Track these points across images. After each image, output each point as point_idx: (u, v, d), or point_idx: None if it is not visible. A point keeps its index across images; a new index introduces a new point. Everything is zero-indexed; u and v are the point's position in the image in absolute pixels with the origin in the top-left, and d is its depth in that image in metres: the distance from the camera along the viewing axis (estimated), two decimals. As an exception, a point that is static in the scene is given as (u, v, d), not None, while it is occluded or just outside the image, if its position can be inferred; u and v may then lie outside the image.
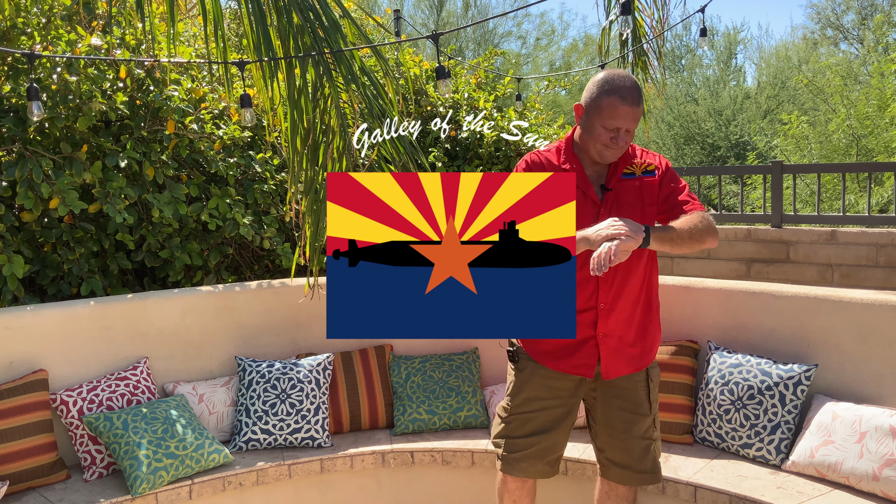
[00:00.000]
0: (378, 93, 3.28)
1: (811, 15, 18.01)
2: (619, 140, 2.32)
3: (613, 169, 2.45)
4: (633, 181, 2.44)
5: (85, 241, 3.68)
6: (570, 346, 2.46)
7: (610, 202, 2.41)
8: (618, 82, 2.30)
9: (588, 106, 2.36)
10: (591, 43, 18.57)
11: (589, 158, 2.43)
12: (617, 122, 2.29)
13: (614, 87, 2.29)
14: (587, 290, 2.41)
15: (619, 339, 2.46)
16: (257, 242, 4.13)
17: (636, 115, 2.31)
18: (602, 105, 2.30)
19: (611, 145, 2.33)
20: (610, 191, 2.42)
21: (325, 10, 3.11)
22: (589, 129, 2.35)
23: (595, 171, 2.45)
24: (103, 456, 3.02)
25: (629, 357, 2.49)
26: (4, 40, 3.64)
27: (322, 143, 3.27)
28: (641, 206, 2.43)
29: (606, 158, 2.38)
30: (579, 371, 2.47)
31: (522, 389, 2.54)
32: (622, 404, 2.51)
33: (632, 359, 2.49)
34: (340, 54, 3.06)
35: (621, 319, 2.45)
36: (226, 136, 4.12)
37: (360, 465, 3.27)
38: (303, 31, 3.10)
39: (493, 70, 7.14)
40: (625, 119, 2.29)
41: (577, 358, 2.46)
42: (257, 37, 3.03)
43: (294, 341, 3.67)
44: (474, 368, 3.60)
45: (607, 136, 2.32)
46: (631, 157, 2.46)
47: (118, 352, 3.27)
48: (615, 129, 2.30)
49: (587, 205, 2.40)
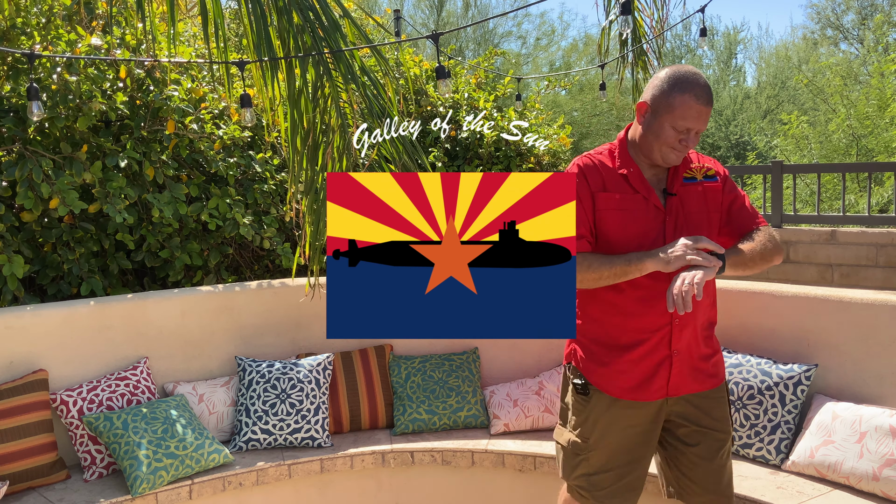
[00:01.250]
0: (378, 93, 3.28)
1: (811, 15, 18.01)
2: (688, 142, 2.15)
3: (674, 172, 2.25)
4: (696, 186, 2.26)
5: (85, 241, 3.68)
6: (648, 372, 2.24)
7: (675, 208, 2.22)
8: (691, 79, 2.11)
9: (656, 104, 2.15)
10: (591, 43, 18.56)
11: (646, 161, 2.24)
12: (689, 122, 2.11)
13: (688, 84, 2.10)
14: (660, 306, 2.18)
15: (692, 354, 2.26)
16: (257, 242, 4.13)
17: (707, 116, 2.14)
18: (674, 104, 2.11)
19: (678, 147, 2.16)
20: (674, 196, 2.22)
21: (325, 9, 3.11)
22: (655, 129, 2.16)
23: (654, 175, 2.26)
24: (103, 456, 3.02)
25: (701, 373, 2.29)
26: (4, 40, 3.64)
27: (322, 142, 3.27)
28: (707, 212, 2.25)
29: (670, 161, 2.19)
30: (660, 395, 2.26)
31: (598, 422, 2.29)
32: (712, 424, 2.31)
33: (702, 374, 2.29)
34: (340, 54, 3.06)
35: (693, 331, 2.26)
36: (226, 136, 4.12)
37: (360, 465, 3.27)
38: (303, 31, 3.10)
39: (493, 70, 7.14)
40: (697, 120, 2.12)
41: (655, 382, 2.25)
42: (257, 37, 3.03)
43: (294, 341, 3.67)
44: (474, 368, 3.60)
45: (675, 138, 2.14)
46: (688, 161, 2.29)
47: (118, 352, 3.27)
48: (686, 129, 2.13)
49: (650, 211, 2.21)
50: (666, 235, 2.19)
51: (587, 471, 2.30)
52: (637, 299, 2.20)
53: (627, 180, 2.23)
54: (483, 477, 3.30)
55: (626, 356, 2.24)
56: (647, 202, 2.21)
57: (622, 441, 2.28)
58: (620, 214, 2.20)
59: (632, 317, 2.22)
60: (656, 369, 2.24)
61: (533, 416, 3.39)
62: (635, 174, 2.23)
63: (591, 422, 2.30)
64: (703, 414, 2.30)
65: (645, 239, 2.18)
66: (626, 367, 2.24)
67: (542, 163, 6.13)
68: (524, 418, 3.39)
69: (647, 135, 2.19)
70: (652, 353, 2.23)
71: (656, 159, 2.20)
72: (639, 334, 2.22)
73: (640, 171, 2.23)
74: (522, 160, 5.93)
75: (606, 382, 2.27)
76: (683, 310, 1.98)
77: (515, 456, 3.21)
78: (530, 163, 5.98)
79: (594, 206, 2.22)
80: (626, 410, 2.27)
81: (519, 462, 3.21)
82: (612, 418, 2.27)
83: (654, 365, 2.23)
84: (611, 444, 2.28)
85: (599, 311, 2.28)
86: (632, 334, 2.23)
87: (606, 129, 15.67)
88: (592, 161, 2.27)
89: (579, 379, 2.32)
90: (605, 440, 2.28)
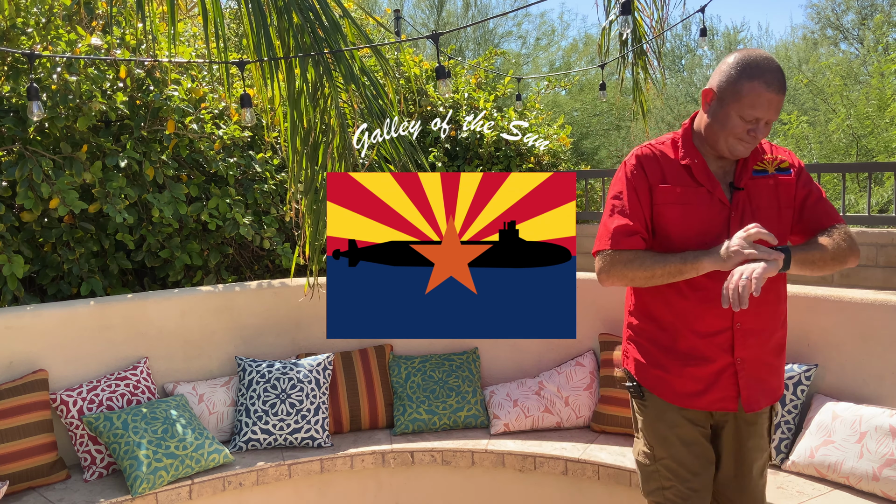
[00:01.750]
0: (378, 93, 3.28)
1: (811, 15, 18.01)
2: (758, 132, 1.97)
3: (742, 165, 2.08)
4: (767, 179, 2.09)
5: (85, 240, 3.68)
6: (707, 380, 2.07)
7: (741, 204, 2.05)
8: (762, 64, 1.94)
9: (723, 91, 1.98)
10: (591, 43, 18.56)
11: (713, 152, 2.07)
12: (758, 111, 1.93)
13: (757, 69, 1.93)
14: (721, 307, 1.99)
15: (760, 363, 2.08)
16: (257, 242, 4.13)
17: (780, 105, 1.96)
18: (742, 91, 1.94)
19: (746, 139, 1.99)
20: (741, 190, 2.06)
21: (324, 9, 3.11)
22: (721, 118, 1.99)
23: (720, 168, 2.09)
24: (103, 456, 3.02)
25: (769, 385, 2.11)
26: (4, 40, 3.64)
27: (322, 142, 3.27)
28: (777, 208, 2.08)
29: (737, 153, 2.02)
30: (721, 406, 2.08)
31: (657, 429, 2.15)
32: (758, 442, 2.16)
33: (770, 387, 2.12)
34: (340, 54, 3.06)
35: (762, 340, 2.08)
36: (226, 135, 4.12)
37: (360, 465, 3.27)
38: (303, 31, 3.10)
39: (493, 70, 7.14)
40: (767, 109, 1.94)
41: (716, 391, 2.07)
42: (257, 37, 3.02)
43: (294, 341, 3.67)
44: (474, 368, 3.60)
45: (744, 128, 1.97)
46: (760, 153, 2.11)
47: (118, 352, 3.27)
48: (755, 119, 1.95)
49: (714, 207, 2.05)
50: (730, 232, 2.01)
51: (660, 485, 2.15)
52: (697, 300, 2.05)
53: (690, 172, 2.07)
54: (483, 477, 3.30)
55: (683, 360, 2.08)
56: (712, 196, 2.05)
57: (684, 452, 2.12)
58: (681, 209, 2.05)
59: (691, 319, 2.06)
60: (717, 377, 2.06)
61: (533, 416, 3.39)
62: (699, 166, 2.06)
63: (652, 429, 2.16)
64: (748, 427, 2.14)
65: (707, 236, 2.02)
66: (684, 372, 2.08)
67: (542, 163, 6.13)
68: (524, 418, 3.39)
69: (713, 124, 2.02)
70: (712, 359, 2.06)
71: (722, 151, 2.03)
72: (698, 338, 2.06)
73: (704, 163, 2.07)
74: (522, 160, 5.94)
75: (663, 387, 2.12)
76: (738, 306, 1.83)
77: (515, 456, 3.21)
78: (530, 163, 5.98)
79: (652, 200, 2.08)
80: (683, 418, 2.11)
81: (519, 462, 3.21)
82: (670, 425, 2.12)
83: (715, 372, 2.06)
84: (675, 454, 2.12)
85: (656, 310, 2.13)
86: (690, 337, 2.07)
87: (606, 129, 15.66)
88: (653, 151, 2.12)
89: (631, 381, 2.19)
90: (669, 449, 2.13)
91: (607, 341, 3.43)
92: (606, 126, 15.78)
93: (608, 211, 2.13)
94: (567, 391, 3.42)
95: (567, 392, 3.42)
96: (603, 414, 3.33)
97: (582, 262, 6.20)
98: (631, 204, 2.08)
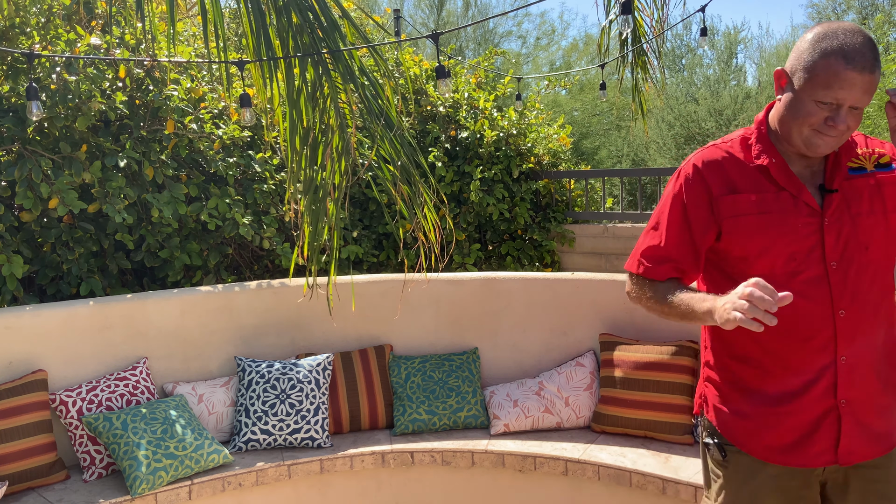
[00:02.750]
0: (377, 93, 3.27)
1: (811, 15, 17.99)
2: (839, 122, 1.56)
3: (833, 162, 1.69)
4: (866, 179, 1.68)
5: (84, 240, 3.68)
6: (806, 429, 1.66)
7: (836, 210, 1.65)
8: (841, 37, 1.54)
9: (794, 71, 1.61)
10: (592, 42, 18.56)
11: (790, 150, 1.70)
12: (837, 93, 1.53)
13: (836, 43, 1.54)
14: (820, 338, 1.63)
15: (866, 404, 1.67)
16: (257, 242, 4.12)
17: (868, 86, 1.54)
18: (815, 68, 1.55)
19: (824, 130, 1.58)
20: (835, 192, 1.66)
21: (324, 10, 3.10)
22: (793, 105, 1.61)
23: (805, 167, 1.70)
24: (102, 456, 3.01)
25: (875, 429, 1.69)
26: (4, 40, 3.64)
27: (321, 142, 3.27)
28: (883, 213, 1.67)
29: (816, 150, 1.62)
30: (821, 460, 1.68)
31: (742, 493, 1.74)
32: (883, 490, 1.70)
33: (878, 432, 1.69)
34: (339, 54, 3.06)
35: (870, 374, 1.67)
36: (225, 135, 4.12)
37: (360, 465, 3.27)
38: (302, 31, 3.10)
39: (493, 70, 7.14)
40: (849, 90, 1.53)
41: (816, 443, 1.67)
42: (257, 36, 3.02)
43: (294, 341, 3.67)
44: (474, 368, 3.59)
45: (820, 116, 1.57)
46: (853, 146, 1.72)
47: (117, 352, 3.27)
48: (834, 104, 1.56)
49: (801, 214, 1.65)
50: (826, 245, 1.64)
51: None
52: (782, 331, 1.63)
53: (768, 174, 1.69)
54: (483, 477, 3.29)
55: (774, 406, 1.69)
56: (797, 201, 1.66)
57: None
58: (759, 220, 1.66)
59: (778, 354, 1.68)
60: (817, 424, 1.66)
61: (533, 417, 3.39)
62: (779, 166, 1.68)
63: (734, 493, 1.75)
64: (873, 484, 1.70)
65: (797, 251, 1.64)
66: (775, 420, 1.69)
67: (542, 163, 6.13)
68: (524, 418, 3.38)
69: (785, 113, 1.65)
70: (810, 402, 1.65)
71: (797, 145, 1.65)
72: (789, 377, 1.67)
73: (784, 162, 1.69)
74: (522, 160, 5.93)
75: (749, 439, 1.72)
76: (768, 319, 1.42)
77: (515, 456, 3.21)
78: (530, 163, 5.98)
79: (715, 216, 1.70)
80: (779, 481, 1.71)
81: (519, 462, 3.20)
82: (759, 489, 1.72)
83: (814, 419, 1.66)
84: None
85: (739, 345, 1.74)
86: (780, 377, 1.68)
87: (607, 128, 15.66)
88: (717, 154, 1.74)
89: (713, 437, 1.79)
90: None
91: (607, 341, 3.43)
92: (607, 126, 15.78)
93: (648, 225, 1.84)
94: (567, 391, 3.42)
95: (567, 392, 3.41)
96: (603, 414, 3.32)
97: (582, 262, 6.21)
98: (671, 224, 1.75)
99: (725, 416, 1.77)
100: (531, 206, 5.99)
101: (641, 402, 3.21)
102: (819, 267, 1.63)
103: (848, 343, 1.63)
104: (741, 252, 1.68)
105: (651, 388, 3.20)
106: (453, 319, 3.72)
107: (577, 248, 6.12)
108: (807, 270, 1.64)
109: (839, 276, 1.64)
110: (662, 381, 3.18)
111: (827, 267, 1.63)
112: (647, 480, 2.93)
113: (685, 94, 19.56)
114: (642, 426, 3.21)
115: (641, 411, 3.20)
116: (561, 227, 6.06)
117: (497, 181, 5.73)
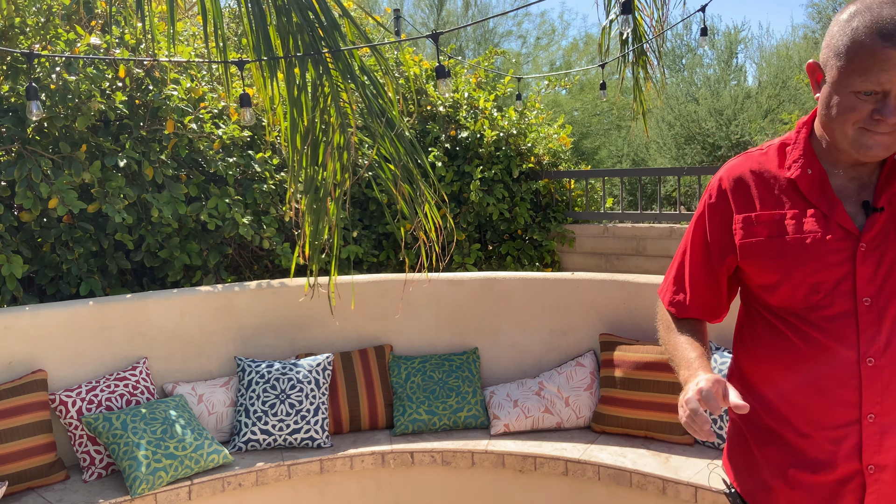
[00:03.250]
0: (378, 92, 3.27)
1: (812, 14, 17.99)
2: (887, 114, 1.26)
3: (887, 173, 1.38)
4: None
5: (84, 240, 3.68)
6: (827, 490, 1.41)
7: (879, 234, 1.35)
8: (876, 10, 1.26)
9: (827, 60, 1.33)
10: (592, 42, 18.56)
11: (841, 158, 1.40)
12: (878, 76, 1.24)
13: (869, 18, 1.26)
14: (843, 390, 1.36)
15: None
16: (257, 242, 4.12)
17: None
18: (849, 53, 1.27)
19: (872, 127, 1.29)
20: (880, 212, 1.35)
21: (324, 9, 3.10)
22: (831, 101, 1.33)
23: (853, 180, 1.40)
24: (102, 456, 3.01)
25: None
26: (3, 40, 3.63)
27: (322, 141, 3.26)
28: None
29: (867, 151, 1.32)
30: None
31: None
32: None
33: None
34: (339, 54, 3.05)
35: None
36: (225, 135, 4.11)
37: (360, 465, 3.26)
38: (302, 31, 3.10)
39: (493, 70, 7.13)
40: (894, 71, 1.24)
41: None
42: (257, 36, 3.02)
43: (293, 341, 3.66)
44: (474, 368, 3.59)
45: (864, 110, 1.28)
46: None
47: (117, 352, 3.27)
48: (878, 91, 1.26)
49: (831, 238, 1.37)
50: (857, 276, 1.35)
51: None
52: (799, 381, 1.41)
53: (796, 188, 1.42)
54: (483, 477, 3.29)
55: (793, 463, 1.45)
56: (828, 221, 1.38)
57: None
58: (770, 244, 1.42)
59: (794, 407, 1.43)
60: (839, 488, 1.40)
61: (533, 417, 3.39)
62: (813, 178, 1.41)
63: None
64: None
65: (821, 282, 1.36)
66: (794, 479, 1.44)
67: (543, 162, 6.13)
68: (524, 419, 3.38)
69: (824, 112, 1.37)
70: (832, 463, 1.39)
71: (847, 150, 1.35)
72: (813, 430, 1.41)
73: (822, 174, 1.40)
74: (522, 160, 5.93)
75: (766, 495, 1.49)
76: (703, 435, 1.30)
77: (515, 456, 3.21)
78: (530, 163, 5.98)
79: (733, 236, 1.48)
80: None
81: (519, 462, 3.20)
82: None
83: (835, 483, 1.40)
84: None
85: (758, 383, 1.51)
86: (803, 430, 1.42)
87: (607, 128, 15.66)
88: (746, 166, 1.48)
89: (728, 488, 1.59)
90: None
91: (607, 341, 3.42)
92: (607, 126, 15.78)
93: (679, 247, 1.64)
94: (567, 391, 3.41)
95: (567, 392, 3.41)
96: (603, 414, 3.32)
97: (582, 262, 6.20)
98: (693, 253, 1.56)
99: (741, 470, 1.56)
100: (531, 206, 5.99)
101: (641, 403, 3.21)
102: (847, 302, 1.35)
103: (877, 399, 1.34)
104: (759, 280, 1.46)
105: (651, 389, 3.20)
106: (453, 319, 3.72)
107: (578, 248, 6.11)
108: (831, 306, 1.36)
109: (872, 316, 1.33)
110: (662, 381, 3.18)
111: (857, 303, 1.34)
112: (647, 480, 2.93)
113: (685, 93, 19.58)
114: (642, 426, 3.21)
115: (641, 411, 3.20)
116: (561, 227, 6.06)
117: (497, 181, 5.73)
